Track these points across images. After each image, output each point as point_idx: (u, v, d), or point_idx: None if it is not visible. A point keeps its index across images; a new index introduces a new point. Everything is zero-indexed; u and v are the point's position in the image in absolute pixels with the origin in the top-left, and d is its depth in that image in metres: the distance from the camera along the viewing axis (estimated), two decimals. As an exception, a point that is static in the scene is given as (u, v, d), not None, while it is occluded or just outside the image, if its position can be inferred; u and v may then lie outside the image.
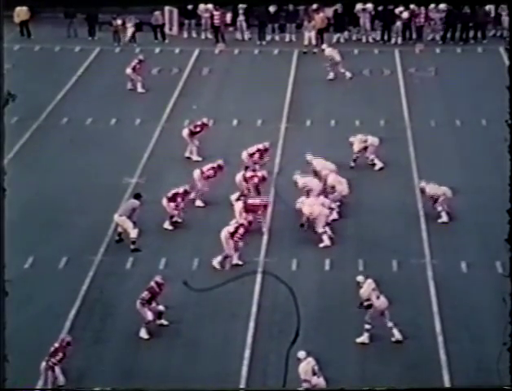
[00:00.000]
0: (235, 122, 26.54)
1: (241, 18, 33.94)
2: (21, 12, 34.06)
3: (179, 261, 19.37)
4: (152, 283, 17.18)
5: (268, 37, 34.08)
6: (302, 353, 14.35)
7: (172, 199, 20.71)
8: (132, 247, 19.80)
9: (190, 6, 34.30)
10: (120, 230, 20.05)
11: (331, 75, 29.40)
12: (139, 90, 28.72)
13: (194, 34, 34.52)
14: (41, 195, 22.22)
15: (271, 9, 33.84)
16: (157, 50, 33.11)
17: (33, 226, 20.87)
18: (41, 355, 15.54)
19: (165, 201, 20.68)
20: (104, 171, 23.38)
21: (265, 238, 20.24)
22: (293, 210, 20.53)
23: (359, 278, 17.02)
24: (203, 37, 34.20)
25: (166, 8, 34.64)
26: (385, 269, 18.83)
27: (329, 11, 33.74)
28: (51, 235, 20.51)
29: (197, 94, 28.69)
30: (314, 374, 14.51)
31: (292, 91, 28.55)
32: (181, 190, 20.86)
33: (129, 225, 19.80)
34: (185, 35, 34.47)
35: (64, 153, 24.67)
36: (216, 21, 33.74)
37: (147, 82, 29.41)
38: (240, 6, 33.78)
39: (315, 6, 33.61)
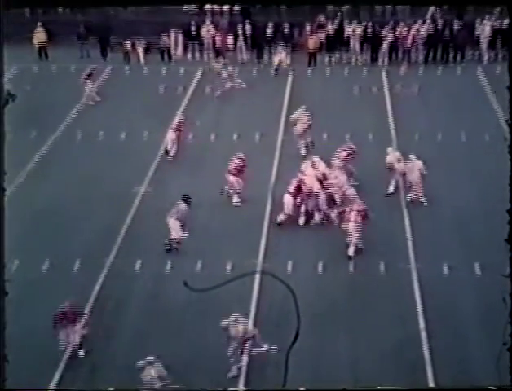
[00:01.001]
0: (235, 136, 26.52)
1: (241, 40, 33.94)
2: (40, 36, 34.11)
3: (184, 264, 19.32)
4: None
5: (265, 58, 34.13)
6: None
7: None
8: (167, 247, 19.63)
9: (194, 29, 34.34)
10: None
11: (218, 92, 29.38)
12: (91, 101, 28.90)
13: (197, 55, 34.54)
14: (56, 204, 22.19)
15: (269, 31, 33.85)
16: (164, 70, 33.07)
17: (49, 232, 20.82)
18: (56, 353, 15.46)
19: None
20: (116, 181, 23.36)
21: (263, 241, 20.25)
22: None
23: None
24: (205, 58, 34.28)
25: (172, 31, 34.70)
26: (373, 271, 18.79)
27: (322, 35, 33.78)
28: (66, 240, 20.43)
29: (200, 110, 28.67)
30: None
31: (287, 107, 28.52)
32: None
33: (176, 227, 19.54)
34: (189, 56, 34.50)
35: (78, 164, 24.62)
36: (218, 43, 33.78)
37: (155, 100, 29.42)
38: (241, 29, 33.86)
39: (308, 29, 33.68)
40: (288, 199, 20.51)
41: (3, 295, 7.89)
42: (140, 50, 33.64)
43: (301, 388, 12.14)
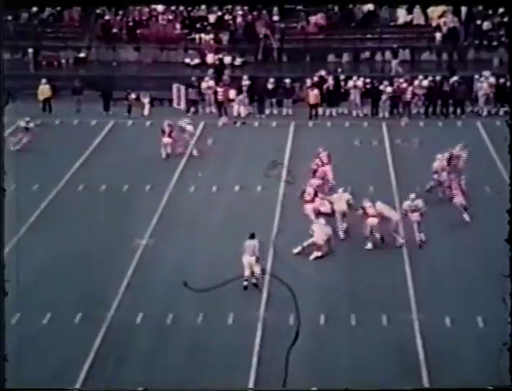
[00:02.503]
0: (237, 188, 26.64)
1: (244, 94, 34.32)
2: (44, 90, 34.62)
3: (187, 315, 19.26)
4: None
5: (267, 111, 34.48)
6: None
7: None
8: (254, 281, 20.22)
9: (195, 83, 34.80)
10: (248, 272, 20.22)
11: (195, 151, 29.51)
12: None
13: (200, 109, 34.88)
14: (57, 257, 22.20)
15: (270, 86, 34.27)
16: (166, 123, 33.29)
17: (51, 285, 20.79)
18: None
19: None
20: (117, 233, 23.39)
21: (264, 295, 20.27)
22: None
23: None
24: (207, 111, 34.59)
25: (174, 86, 35.14)
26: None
27: (324, 87, 34.18)
28: (67, 293, 20.39)
29: (202, 162, 28.84)
30: None
31: (289, 160, 28.71)
32: None
33: (252, 262, 20.34)
34: (192, 110, 34.81)
35: (80, 217, 24.70)
36: (220, 97, 34.16)
37: (157, 151, 29.65)
38: (243, 83, 34.29)
39: (309, 83, 34.09)
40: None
41: (3, 295, 7.71)
42: (146, 103, 34.14)
43: (301, 389, 12.07)
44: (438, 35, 37.53)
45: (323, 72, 35.21)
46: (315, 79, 34.61)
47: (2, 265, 7.83)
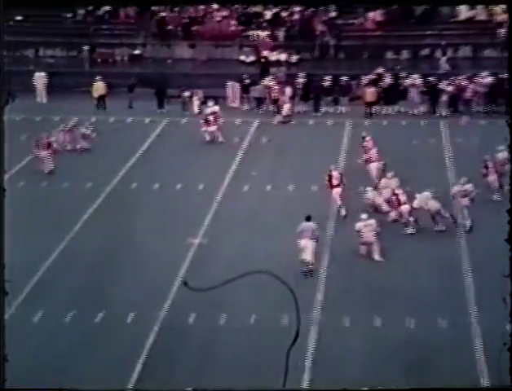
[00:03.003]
0: (291, 187, 26.53)
1: (299, 92, 34.21)
2: (99, 87, 34.92)
3: (239, 315, 19.20)
4: None
5: (323, 109, 34.29)
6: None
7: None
8: (305, 269, 20.51)
9: (248, 81, 34.72)
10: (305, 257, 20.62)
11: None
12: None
13: (254, 106, 34.82)
14: (109, 254, 22.34)
15: (326, 83, 34.07)
16: (220, 121, 33.38)
17: (105, 283, 20.92)
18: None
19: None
20: (170, 232, 23.47)
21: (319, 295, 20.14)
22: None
23: None
24: (264, 109, 34.44)
25: (229, 83, 35.16)
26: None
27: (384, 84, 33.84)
28: (119, 291, 20.49)
29: (257, 161, 28.80)
30: None
31: (345, 159, 28.50)
32: None
33: (310, 248, 20.64)
34: (246, 107, 34.81)
35: (132, 216, 24.84)
36: (275, 95, 34.08)
37: (210, 150, 29.78)
38: (299, 81, 34.16)
39: (366, 80, 33.80)
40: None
41: (3, 295, 8.00)
42: (195, 100, 34.14)
43: (301, 389, 11.96)
44: (501, 31, 36.85)
45: (380, 70, 34.89)
46: (373, 76, 34.32)
47: (2, 265, 8.06)
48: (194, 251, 22.42)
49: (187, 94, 34.47)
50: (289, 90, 34.31)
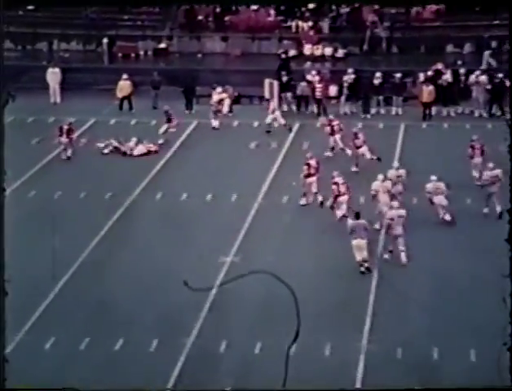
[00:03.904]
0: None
1: (346, 91, 34.27)
2: (124, 87, 35.02)
3: (277, 343, 19.24)
4: None
5: (373, 111, 34.34)
6: None
7: None
8: (362, 269, 22.06)
9: (285, 79, 34.77)
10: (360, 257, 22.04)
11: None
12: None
13: (294, 107, 34.95)
14: (133, 273, 22.51)
15: (376, 81, 34.06)
16: (256, 123, 33.58)
17: (126, 305, 21.10)
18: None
19: None
20: (199, 248, 23.60)
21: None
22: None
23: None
24: (309, 110, 34.55)
25: (266, 81, 35.27)
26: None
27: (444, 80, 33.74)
28: (143, 315, 20.70)
29: (297, 169, 28.75)
30: None
31: (397, 167, 28.43)
32: None
33: (364, 246, 22.15)
34: (285, 108, 34.94)
35: (157, 229, 25.06)
36: (318, 94, 34.16)
37: (245, 156, 29.96)
38: (346, 79, 34.20)
39: (423, 77, 33.77)
40: None
41: (3, 295, 8.78)
42: (226, 98, 34.35)
43: (301, 389, 12.75)
44: None
45: (439, 66, 34.84)
46: (431, 73, 34.28)
47: (2, 265, 8.84)
48: (226, 270, 22.51)
49: (219, 90, 34.27)
50: (334, 89, 34.40)
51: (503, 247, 9.23)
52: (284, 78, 34.92)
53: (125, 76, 35.14)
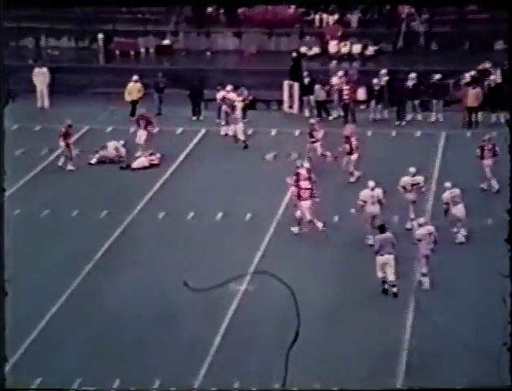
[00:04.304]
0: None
1: (377, 94, 34.28)
2: (133, 90, 35.00)
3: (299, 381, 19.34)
4: None
5: (408, 117, 34.38)
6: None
7: None
8: (394, 290, 22.60)
9: (307, 81, 34.87)
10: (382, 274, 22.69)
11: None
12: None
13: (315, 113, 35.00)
14: (133, 304, 22.57)
15: (410, 83, 34.03)
16: (274, 131, 33.71)
17: (124, 341, 21.21)
18: None
19: None
20: (208, 275, 23.58)
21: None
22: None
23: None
24: (335, 115, 34.77)
25: (285, 83, 35.36)
26: None
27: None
28: (142, 355, 20.72)
29: (321, 183, 28.87)
30: None
31: (437, 177, 28.52)
32: None
33: (391, 264, 22.59)
34: (306, 113, 35.07)
35: (160, 253, 25.14)
36: (345, 97, 34.25)
37: (261, 170, 30.04)
38: (377, 81, 34.24)
39: (468, 78, 33.75)
40: None
41: (3, 295, 9.73)
42: (237, 101, 34.36)
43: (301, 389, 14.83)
44: None
45: (487, 65, 34.87)
46: (476, 73, 34.30)
47: (2, 265, 9.91)
48: (239, 300, 22.55)
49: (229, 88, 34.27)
50: (362, 92, 34.46)
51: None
52: (306, 80, 35.01)
53: (135, 77, 35.11)
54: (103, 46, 40.68)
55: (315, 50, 39.05)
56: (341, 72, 35.13)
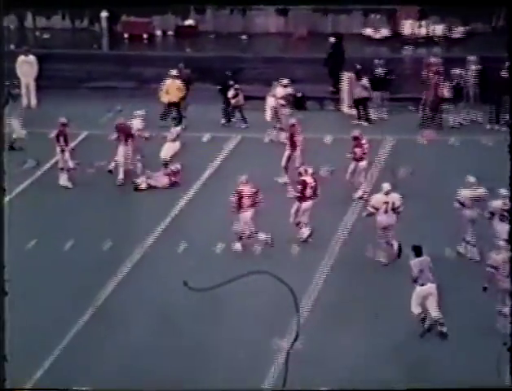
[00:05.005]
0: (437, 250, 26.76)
1: (466, 90, 34.29)
2: (172, 88, 35.14)
3: None
4: None
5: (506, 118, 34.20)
6: None
7: None
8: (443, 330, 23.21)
9: (380, 72, 34.95)
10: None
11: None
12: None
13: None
14: (146, 361, 22.62)
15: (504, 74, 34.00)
16: (328, 138, 33.87)
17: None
18: None
19: None
20: (243, 328, 23.55)
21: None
22: None
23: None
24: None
25: (345, 76, 35.36)
26: None
27: None
28: None
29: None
30: None
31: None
32: None
33: (434, 302, 23.25)
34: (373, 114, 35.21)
35: (180, 297, 24.99)
36: (427, 93, 34.19)
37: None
38: (463, 72, 34.20)
39: None
40: None
41: (3, 295, 12.05)
42: (270, 99, 34.57)
43: (301, 389, 17.95)
44: None
45: None
46: None
47: (2, 265, 12.45)
48: (282, 359, 22.41)
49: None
50: (446, 89, 34.37)
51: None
52: (379, 70, 35.07)
53: (174, 71, 35.16)
54: (107, 28, 40.84)
55: (384, 32, 39.03)
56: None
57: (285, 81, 34.14)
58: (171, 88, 35.13)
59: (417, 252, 23.43)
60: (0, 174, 10.12)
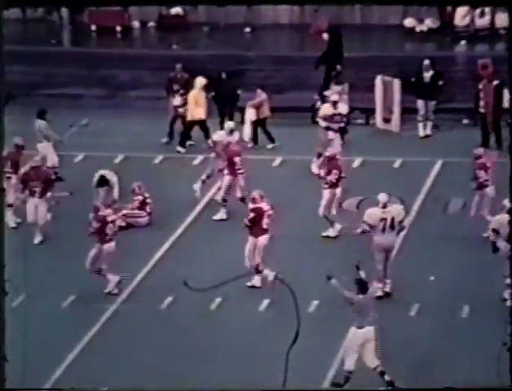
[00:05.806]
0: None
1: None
2: (201, 100, 35.63)
3: None
4: None
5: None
6: None
7: None
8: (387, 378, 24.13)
9: (429, 76, 35.47)
10: None
11: None
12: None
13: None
14: None
15: None
16: (358, 161, 34.77)
17: None
18: None
19: None
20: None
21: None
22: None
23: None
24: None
25: (379, 80, 35.99)
26: None
27: None
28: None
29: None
30: None
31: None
32: None
33: None
34: (427, 131, 36.09)
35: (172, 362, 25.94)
36: (483, 101, 34.96)
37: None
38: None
39: None
40: None
41: (3, 295, 13.43)
42: (250, 110, 35.32)
43: (302, 389, 20.99)
44: None
45: None
46: None
47: (2, 265, 13.68)
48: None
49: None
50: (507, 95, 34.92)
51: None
52: (429, 74, 35.65)
53: (203, 80, 35.54)
54: (68, 19, 41.44)
55: (428, 22, 39.61)
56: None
57: (335, 97, 34.16)
58: (200, 99, 35.57)
59: (362, 286, 23.57)
60: (0, 174, 13.43)
